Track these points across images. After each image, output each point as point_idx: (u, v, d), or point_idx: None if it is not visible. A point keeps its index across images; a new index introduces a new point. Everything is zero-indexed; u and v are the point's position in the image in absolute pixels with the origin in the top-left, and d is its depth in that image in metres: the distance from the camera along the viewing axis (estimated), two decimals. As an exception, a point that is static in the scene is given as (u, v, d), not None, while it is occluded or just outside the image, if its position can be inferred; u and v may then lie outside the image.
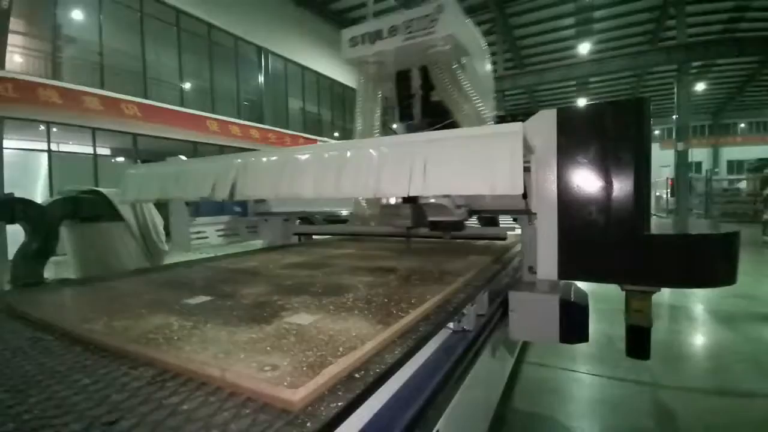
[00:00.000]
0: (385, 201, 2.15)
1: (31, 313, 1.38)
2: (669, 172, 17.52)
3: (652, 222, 1.55)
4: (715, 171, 26.74)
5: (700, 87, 24.29)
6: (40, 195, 9.79)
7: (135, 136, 12.01)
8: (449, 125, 2.48)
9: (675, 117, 16.33)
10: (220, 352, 0.94)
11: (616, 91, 26.67)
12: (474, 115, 2.40)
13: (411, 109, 2.97)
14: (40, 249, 2.59)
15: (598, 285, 1.61)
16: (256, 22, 15.48)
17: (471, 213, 2.18)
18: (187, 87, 14.02)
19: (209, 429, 0.68)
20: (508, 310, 1.82)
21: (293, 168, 1.62)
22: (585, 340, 1.75)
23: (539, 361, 3.42)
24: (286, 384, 0.76)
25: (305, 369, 0.83)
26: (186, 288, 1.76)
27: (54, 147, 10.79)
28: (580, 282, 1.94)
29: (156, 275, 2.20)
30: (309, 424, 0.69)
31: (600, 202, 1.48)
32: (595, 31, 19.15)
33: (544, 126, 1.56)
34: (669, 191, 18.15)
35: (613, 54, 18.34)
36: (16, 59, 10.15)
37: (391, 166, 1.42)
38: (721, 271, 1.44)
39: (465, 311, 1.56)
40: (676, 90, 16.00)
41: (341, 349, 0.94)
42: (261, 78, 16.49)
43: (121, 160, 13.88)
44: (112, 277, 2.07)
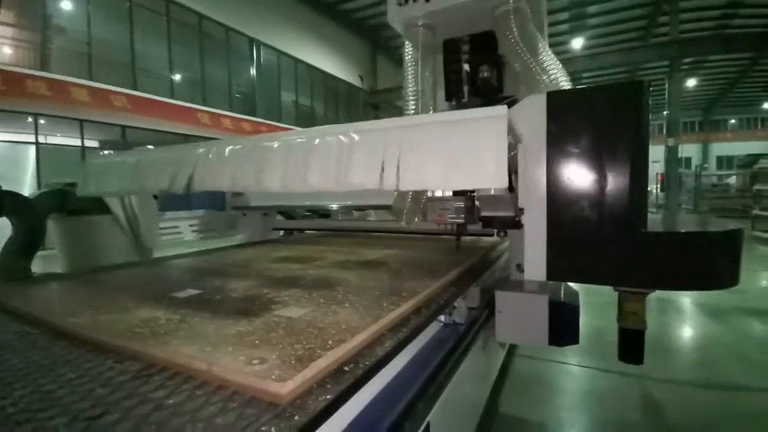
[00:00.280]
0: (430, 193, 1.86)
1: (18, 307, 1.36)
2: (659, 167, 17.65)
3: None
4: (705, 166, 27.00)
5: (691, 83, 24.48)
6: (28, 188, 9.64)
7: (123, 128, 11.84)
8: (512, 103, 1.98)
9: (666, 113, 16.45)
10: (207, 345, 0.94)
11: (608, 87, 26.66)
12: (553, 88, 2.03)
13: (461, 86, 2.61)
14: (27, 242, 2.54)
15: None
16: (248, 13, 15.25)
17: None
18: (178, 78, 13.81)
19: (195, 423, 0.68)
20: (495, 310, 1.68)
21: (260, 158, 1.45)
22: (575, 342, 1.63)
23: (529, 354, 3.45)
24: (274, 377, 0.75)
25: (294, 362, 0.82)
26: (175, 281, 1.75)
27: (42, 139, 10.61)
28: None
29: (145, 269, 2.18)
30: (297, 417, 0.69)
31: (594, 196, 1.34)
32: (589, 27, 19.16)
33: (532, 112, 1.41)
34: (659, 186, 18.30)
35: (606, 50, 18.40)
36: (5, 51, 9.95)
37: (362, 155, 1.28)
38: (725, 272, 1.33)
39: (456, 304, 1.56)
40: (667, 86, 16.09)
41: (331, 342, 0.93)
42: (253, 70, 16.28)
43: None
44: (100, 271, 2.05)
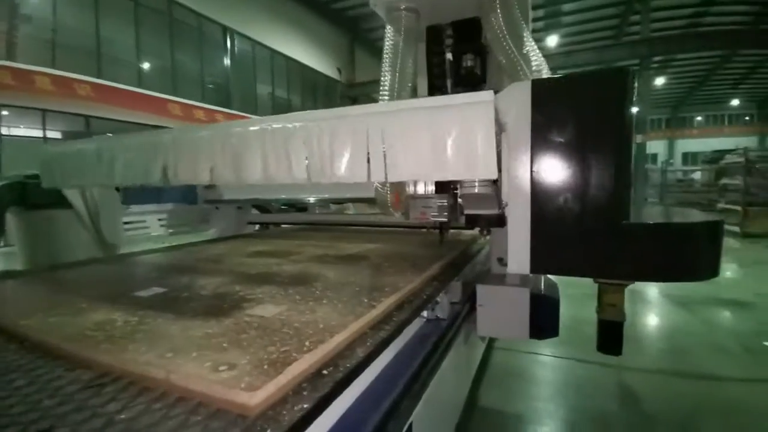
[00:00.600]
0: (413, 190, 1.82)
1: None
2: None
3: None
4: (670, 162, 28.07)
5: (660, 81, 25.30)
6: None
7: (87, 118, 11.24)
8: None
9: (635, 110, 16.92)
10: (168, 350, 0.84)
11: (581, 84, 27.27)
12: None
13: (444, 77, 2.52)
14: (-17, 238, 2.34)
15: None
16: (221, 0, 14.72)
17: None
18: (147, 67, 13.21)
19: (149, 441, 0.59)
20: (476, 304, 1.69)
21: (236, 146, 1.37)
22: (555, 334, 1.67)
23: (508, 347, 3.46)
24: (243, 386, 0.67)
25: (266, 367, 0.75)
26: (139, 279, 1.63)
27: (5, 131, 10.05)
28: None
29: (108, 266, 2.04)
30: (269, 430, 0.61)
31: (579, 186, 1.31)
32: (564, 24, 19.47)
33: (516, 100, 1.36)
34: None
35: (580, 48, 18.75)
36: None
37: (346, 142, 1.23)
38: (707, 263, 1.31)
39: (438, 299, 1.51)
40: (636, 84, 16.52)
41: (308, 344, 0.86)
42: (227, 60, 15.75)
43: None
44: (60, 269, 1.89)
